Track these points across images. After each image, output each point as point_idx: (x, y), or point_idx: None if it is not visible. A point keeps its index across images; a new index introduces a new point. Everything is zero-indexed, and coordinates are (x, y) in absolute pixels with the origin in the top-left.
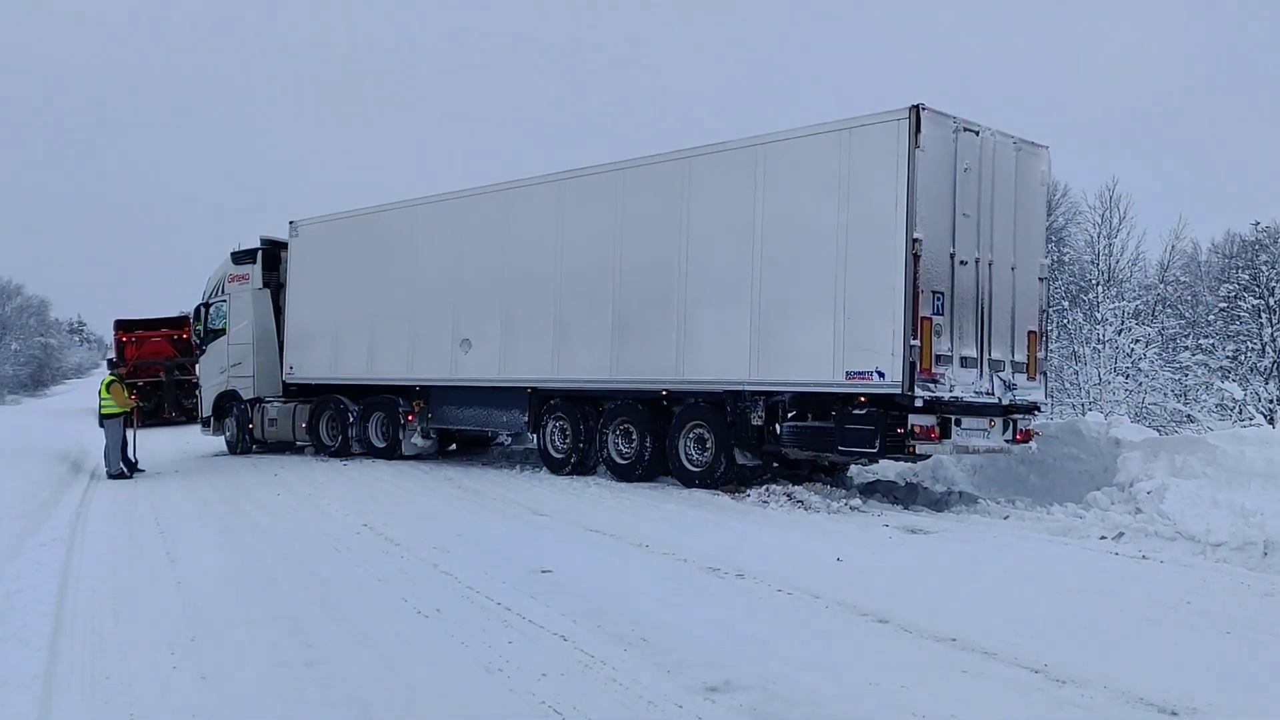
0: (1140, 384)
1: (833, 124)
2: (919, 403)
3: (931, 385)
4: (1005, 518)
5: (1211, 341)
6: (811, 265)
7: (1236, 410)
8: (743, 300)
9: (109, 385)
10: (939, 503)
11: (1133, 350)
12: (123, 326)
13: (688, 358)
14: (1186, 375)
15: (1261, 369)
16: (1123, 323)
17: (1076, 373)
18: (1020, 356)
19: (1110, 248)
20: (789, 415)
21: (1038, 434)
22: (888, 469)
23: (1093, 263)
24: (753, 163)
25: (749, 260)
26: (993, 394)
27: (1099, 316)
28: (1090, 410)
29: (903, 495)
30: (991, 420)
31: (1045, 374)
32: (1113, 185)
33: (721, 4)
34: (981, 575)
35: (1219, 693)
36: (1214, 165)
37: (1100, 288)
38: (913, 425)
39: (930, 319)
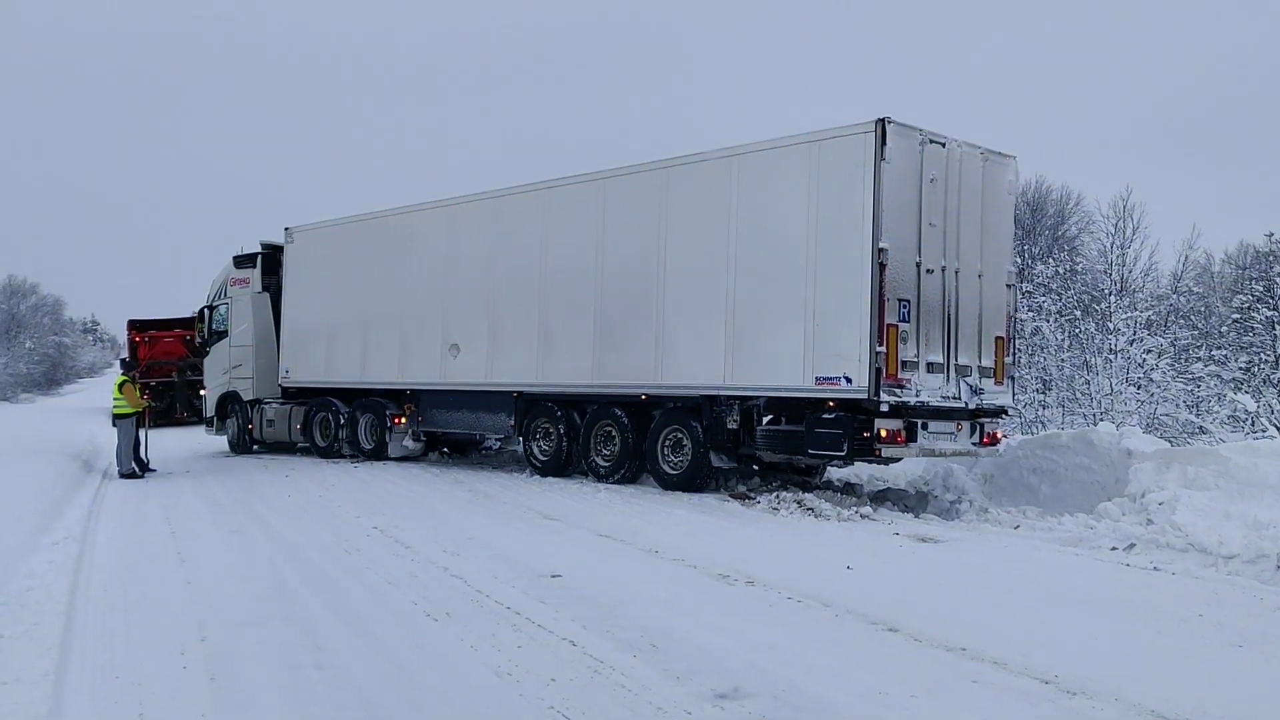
0: (1152, 395)
1: (803, 136)
2: (885, 407)
3: (897, 390)
4: (1016, 527)
5: (1224, 353)
6: (783, 273)
7: (1249, 422)
8: (718, 307)
9: (122, 385)
10: (949, 511)
11: (1145, 361)
12: (136, 326)
13: (666, 362)
14: (1199, 386)
15: (1275, 381)
16: (1135, 333)
17: (1088, 383)
18: (987, 362)
19: (1123, 258)
20: (763, 419)
21: (1005, 437)
22: (898, 477)
23: (1105, 272)
24: (727, 173)
25: (724, 268)
26: (959, 398)
27: (1111, 326)
28: (1102, 420)
29: (913, 503)
30: (959, 424)
31: (1013, 378)
32: (1126, 195)
33: (716, 15)
34: (992, 585)
35: (1231, 706)
36: (1229, 176)
37: (1113, 297)
38: (879, 429)
39: (896, 326)
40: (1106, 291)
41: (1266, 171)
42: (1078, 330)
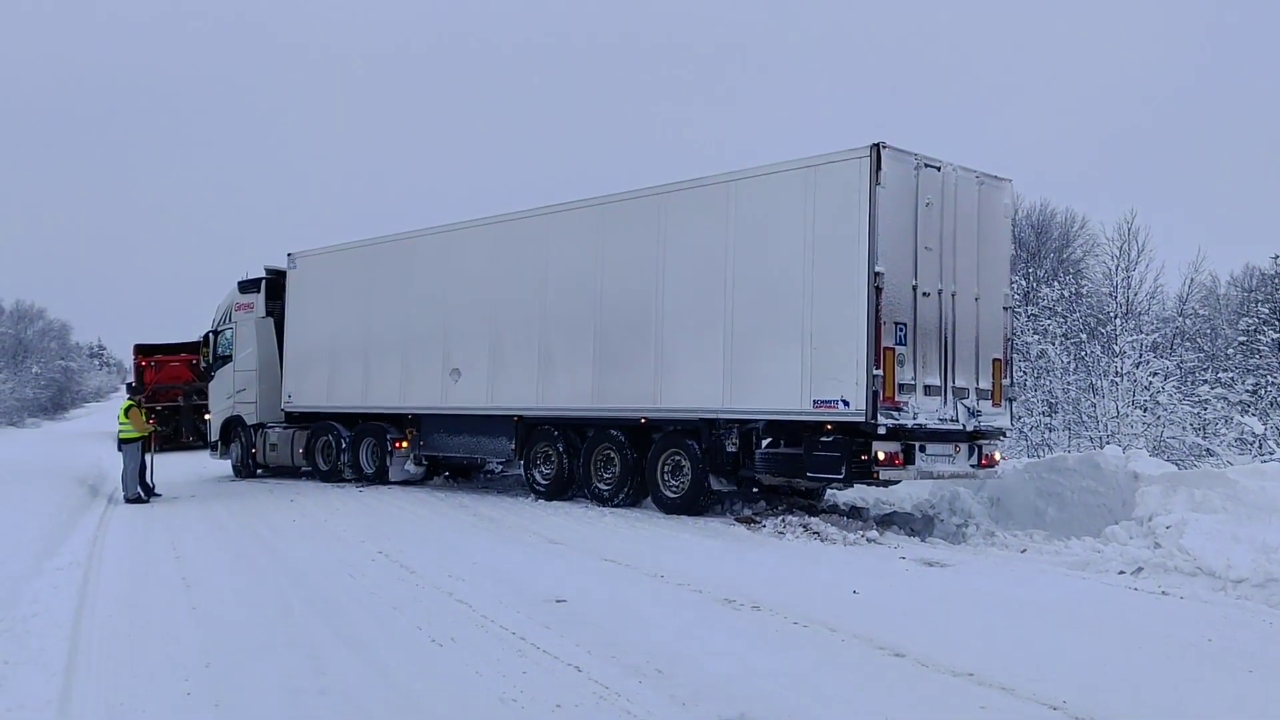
0: (1159, 417)
1: (799, 161)
2: (882, 430)
3: (895, 413)
4: (1023, 551)
5: (1231, 375)
6: (780, 297)
7: (1256, 445)
8: (716, 330)
9: (128, 410)
10: (956, 535)
11: (1151, 383)
12: (142, 351)
13: (665, 386)
14: (1205, 409)
15: None
16: (1141, 355)
17: (1094, 405)
18: (985, 384)
19: (1128, 280)
20: (762, 442)
21: (1004, 459)
22: (904, 500)
23: (1111, 295)
24: (724, 198)
25: (721, 292)
26: (957, 421)
27: (1117, 349)
28: (1108, 443)
29: (919, 527)
30: (957, 446)
31: (1011, 400)
32: (1131, 217)
33: (710, 42)
34: (999, 609)
35: None
36: (1234, 198)
37: (1118, 320)
38: (877, 452)
39: (893, 349)
40: (1112, 314)
41: (1272, 194)
42: (1083, 353)
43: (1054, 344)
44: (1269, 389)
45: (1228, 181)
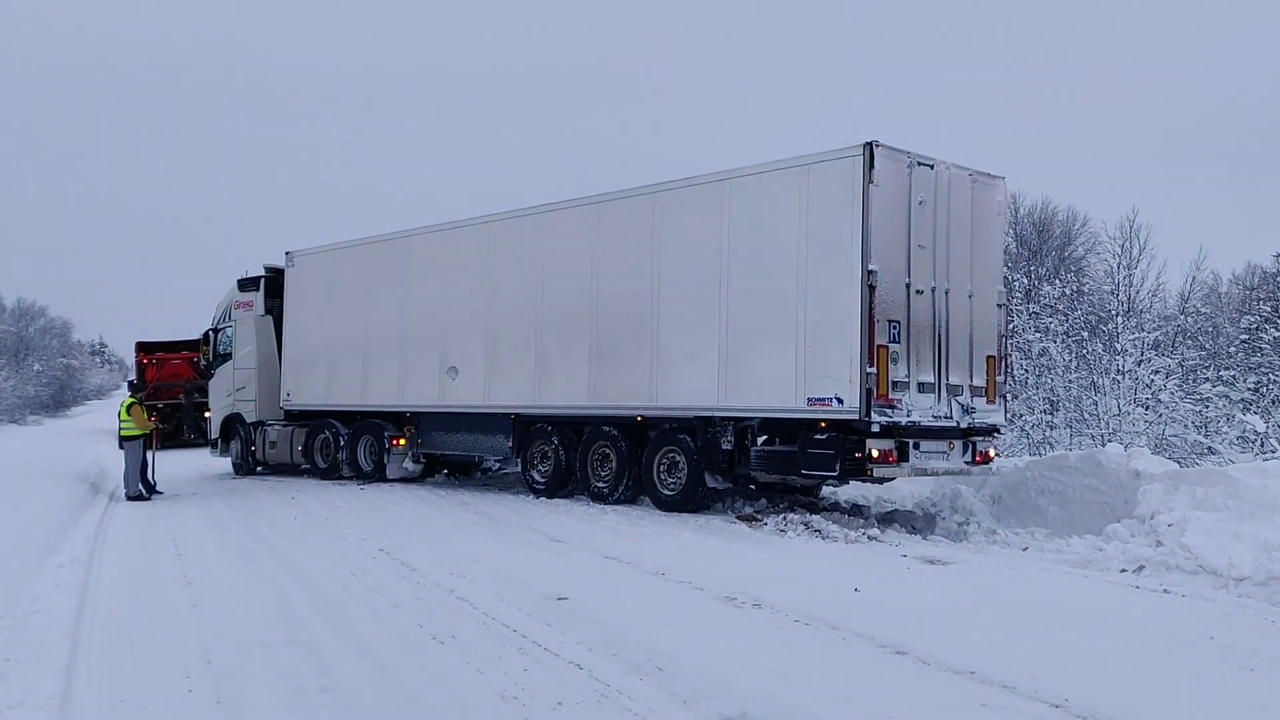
0: (1160, 415)
1: (793, 160)
2: (876, 428)
3: (888, 410)
4: (1024, 549)
5: (1233, 373)
6: (774, 295)
7: (1258, 443)
8: (711, 328)
9: (129, 407)
10: (957, 533)
11: (1153, 381)
12: (143, 348)
13: (661, 384)
14: (1207, 407)
15: None
16: (1143, 354)
17: (1096, 403)
18: (979, 381)
19: (1130, 278)
20: (758, 440)
21: (999, 455)
22: (905, 498)
23: (1112, 293)
24: (718, 197)
25: (716, 290)
26: (951, 418)
27: (1119, 347)
28: (1110, 441)
29: (921, 525)
30: (951, 443)
31: (1005, 397)
32: (1133, 215)
33: (704, 44)
34: (1000, 607)
35: None
36: (1235, 196)
37: (1120, 318)
38: (870, 449)
39: (886, 347)
40: (1113, 312)
41: (1273, 192)
42: (1085, 351)
43: (1055, 342)
44: (1270, 387)
45: (1228, 181)
